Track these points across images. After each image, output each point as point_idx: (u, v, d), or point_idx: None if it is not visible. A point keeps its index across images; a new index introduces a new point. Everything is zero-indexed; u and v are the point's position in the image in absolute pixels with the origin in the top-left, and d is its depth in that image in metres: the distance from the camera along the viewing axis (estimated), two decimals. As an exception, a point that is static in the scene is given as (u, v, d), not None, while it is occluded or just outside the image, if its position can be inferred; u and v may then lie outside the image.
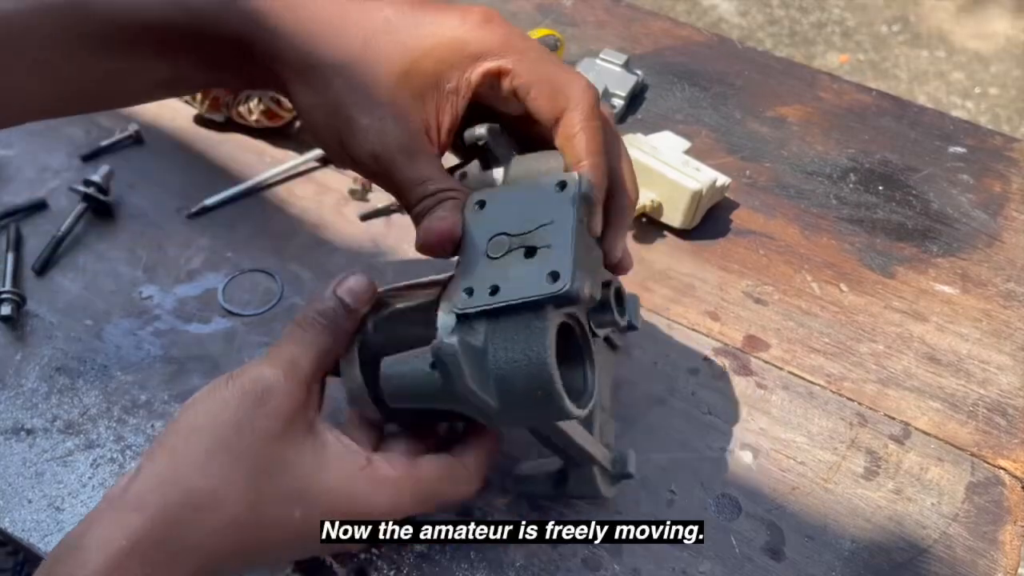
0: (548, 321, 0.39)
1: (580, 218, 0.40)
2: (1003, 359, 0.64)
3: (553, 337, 0.39)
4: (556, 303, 0.39)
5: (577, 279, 0.38)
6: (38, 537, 0.53)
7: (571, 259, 0.38)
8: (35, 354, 0.62)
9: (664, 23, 0.93)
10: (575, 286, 0.38)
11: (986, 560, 0.54)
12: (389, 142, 0.42)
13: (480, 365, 0.39)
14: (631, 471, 0.50)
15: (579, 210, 0.40)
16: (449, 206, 0.43)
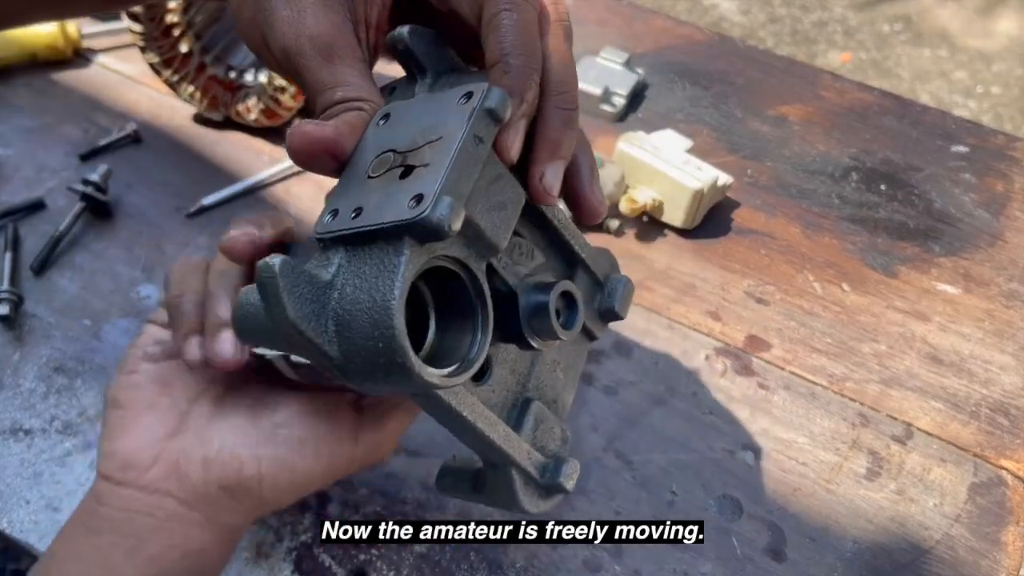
0: (402, 256, 0.31)
1: (476, 135, 0.33)
2: (1006, 359, 0.64)
3: (406, 276, 0.31)
4: (415, 234, 0.31)
5: (442, 205, 0.30)
6: (36, 538, 0.52)
7: (441, 180, 0.31)
8: (33, 354, 0.61)
9: (665, 22, 0.93)
10: (436, 213, 0.30)
11: (988, 561, 0.53)
12: (303, 36, 0.37)
13: (320, 301, 0.32)
14: (565, 484, 0.41)
15: (474, 124, 0.33)
16: (349, 116, 0.36)
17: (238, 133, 0.77)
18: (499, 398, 0.41)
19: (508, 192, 0.35)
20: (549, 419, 0.42)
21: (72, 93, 0.81)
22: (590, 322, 0.45)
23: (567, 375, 0.45)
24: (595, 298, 0.45)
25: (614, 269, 0.46)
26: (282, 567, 0.51)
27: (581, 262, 0.44)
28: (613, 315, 0.45)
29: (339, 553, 0.52)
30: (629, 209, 0.69)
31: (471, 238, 0.34)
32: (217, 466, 0.42)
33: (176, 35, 0.73)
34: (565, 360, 0.45)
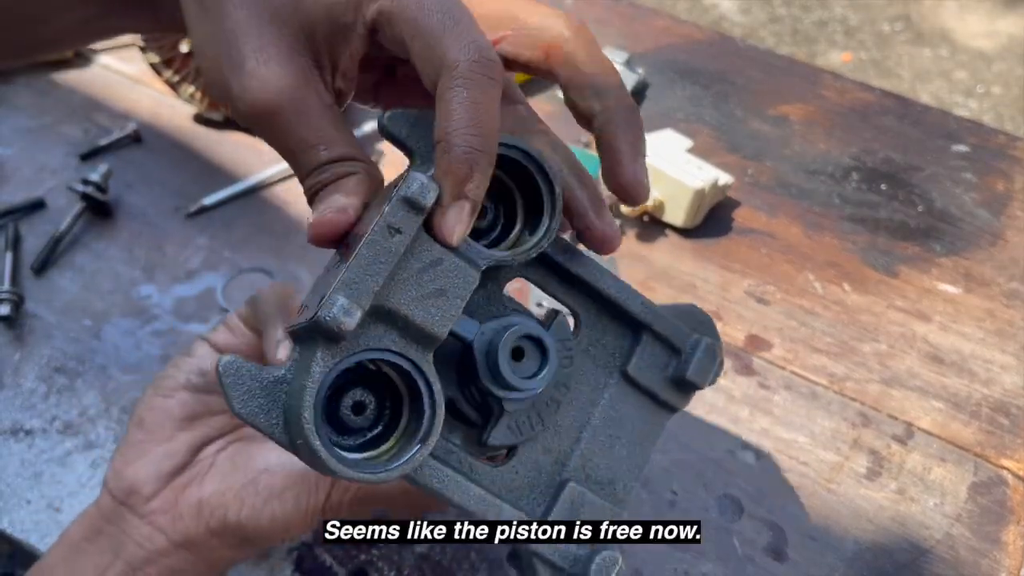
0: (315, 355, 0.31)
1: (391, 225, 0.31)
2: (1006, 359, 0.64)
3: (315, 376, 0.31)
4: (321, 333, 0.31)
5: (333, 306, 0.30)
6: (37, 538, 0.52)
7: (339, 278, 0.31)
8: (34, 354, 0.61)
9: (665, 21, 0.93)
10: (325, 314, 0.30)
11: (989, 560, 0.53)
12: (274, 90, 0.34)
13: (272, 395, 0.32)
14: None
15: (389, 214, 0.31)
16: (351, 185, 0.34)
17: (238, 133, 0.77)
18: (525, 480, 0.38)
19: (449, 277, 0.33)
20: (591, 504, 0.38)
21: (72, 93, 0.81)
22: (663, 391, 0.40)
23: (632, 452, 0.40)
24: (669, 364, 0.40)
25: (703, 329, 0.42)
26: (283, 567, 0.51)
27: (645, 326, 0.40)
28: (688, 384, 0.40)
29: (339, 553, 0.52)
30: (630, 209, 0.69)
31: (402, 328, 0.32)
32: (207, 510, 0.43)
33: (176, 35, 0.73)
34: (629, 434, 0.40)
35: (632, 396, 0.40)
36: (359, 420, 0.33)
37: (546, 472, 0.38)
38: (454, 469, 0.35)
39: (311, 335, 0.32)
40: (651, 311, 0.39)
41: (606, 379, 0.40)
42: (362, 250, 0.31)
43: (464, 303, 0.33)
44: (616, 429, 0.39)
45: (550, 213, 0.35)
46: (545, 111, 0.82)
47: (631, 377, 0.39)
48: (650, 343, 0.40)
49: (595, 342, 0.39)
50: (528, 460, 0.38)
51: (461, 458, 0.36)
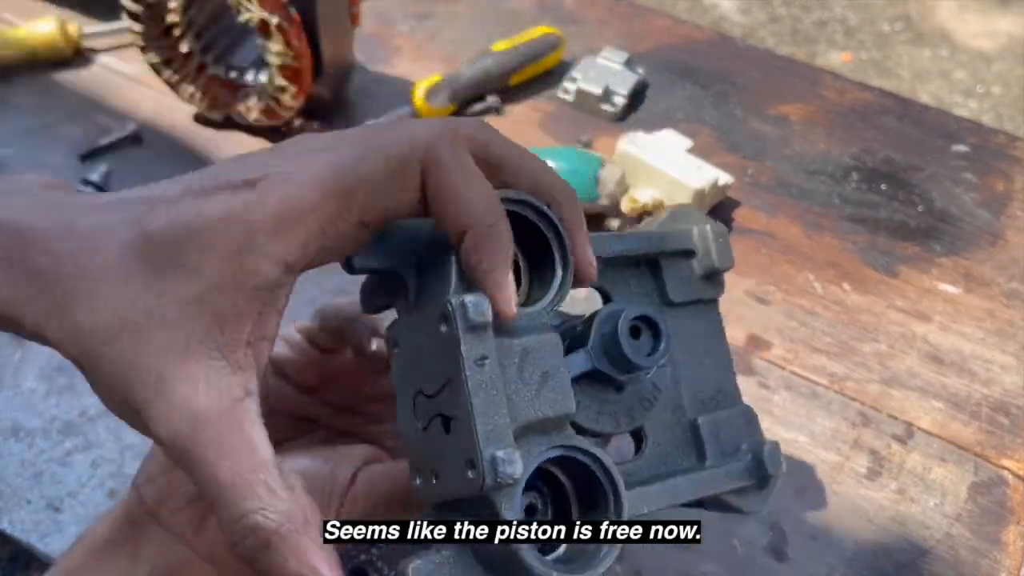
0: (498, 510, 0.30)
1: (475, 360, 0.30)
2: (1006, 359, 0.64)
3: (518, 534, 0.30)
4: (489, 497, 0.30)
5: (494, 469, 0.29)
6: (37, 537, 0.52)
7: (475, 436, 0.29)
8: (34, 354, 0.61)
9: (665, 21, 0.93)
10: (491, 481, 0.29)
11: (989, 560, 0.53)
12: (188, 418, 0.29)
13: None
14: (772, 471, 0.39)
15: (468, 352, 0.30)
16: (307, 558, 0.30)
17: (238, 133, 0.77)
18: (668, 447, 0.39)
19: (540, 356, 0.32)
20: (726, 421, 0.40)
21: (72, 93, 0.81)
22: (702, 292, 0.42)
23: (715, 356, 0.42)
24: (692, 268, 0.42)
25: (697, 221, 0.43)
26: (283, 567, 0.51)
27: (653, 257, 0.41)
28: (716, 273, 0.42)
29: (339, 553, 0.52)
30: (630, 209, 0.69)
31: (541, 432, 0.32)
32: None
33: (176, 35, 0.73)
34: (704, 344, 0.42)
35: (685, 314, 0.41)
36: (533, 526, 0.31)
37: (672, 427, 0.39)
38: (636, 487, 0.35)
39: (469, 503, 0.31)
40: (650, 241, 0.40)
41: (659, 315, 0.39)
42: (472, 399, 0.29)
43: (566, 366, 0.33)
44: (694, 350, 0.41)
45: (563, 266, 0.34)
46: (545, 111, 0.82)
47: (673, 302, 0.41)
48: (670, 264, 0.41)
49: (627, 295, 0.40)
50: (657, 431, 0.39)
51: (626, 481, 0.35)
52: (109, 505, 0.54)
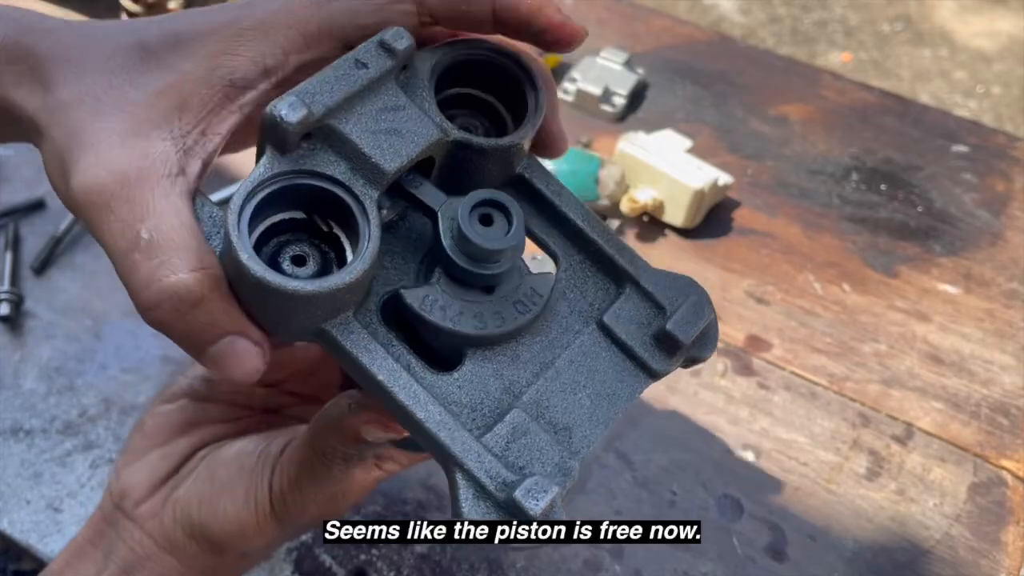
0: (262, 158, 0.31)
1: (359, 59, 0.32)
2: (1006, 359, 0.64)
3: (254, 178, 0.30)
4: (268, 138, 0.31)
5: (281, 103, 0.30)
6: (36, 538, 0.52)
7: (297, 87, 0.31)
8: (34, 354, 0.61)
9: (665, 21, 0.93)
10: (273, 107, 0.30)
11: (988, 560, 0.53)
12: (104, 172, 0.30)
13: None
14: (524, 505, 0.31)
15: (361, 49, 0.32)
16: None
17: (238, 133, 0.77)
18: (468, 397, 0.34)
19: (410, 124, 0.33)
20: (536, 437, 0.34)
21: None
22: (641, 348, 0.37)
23: (597, 405, 0.36)
24: (652, 322, 0.37)
25: (695, 296, 0.38)
26: (283, 567, 0.52)
27: (630, 279, 0.37)
28: (672, 340, 0.36)
29: (339, 553, 0.52)
30: (630, 209, 0.69)
31: (352, 159, 0.32)
32: (179, 508, 0.42)
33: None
34: (596, 385, 0.36)
35: (606, 348, 0.37)
36: (301, 272, 0.32)
37: (493, 397, 0.35)
38: (389, 353, 0.33)
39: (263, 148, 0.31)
40: (640, 264, 0.38)
41: (581, 327, 0.37)
42: (326, 71, 0.31)
43: (420, 150, 0.33)
44: (583, 377, 0.36)
45: (534, 110, 0.35)
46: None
47: (607, 327, 0.36)
48: (633, 296, 0.37)
49: (574, 287, 0.37)
50: (475, 379, 0.35)
51: (401, 353, 0.34)
52: (109, 505, 0.54)
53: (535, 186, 0.37)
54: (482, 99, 0.37)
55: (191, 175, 0.31)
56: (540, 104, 0.35)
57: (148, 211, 0.29)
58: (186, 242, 0.29)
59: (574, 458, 0.34)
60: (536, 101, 0.35)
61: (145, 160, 0.30)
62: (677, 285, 0.38)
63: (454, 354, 0.35)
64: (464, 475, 0.32)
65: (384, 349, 0.33)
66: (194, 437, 0.45)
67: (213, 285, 0.30)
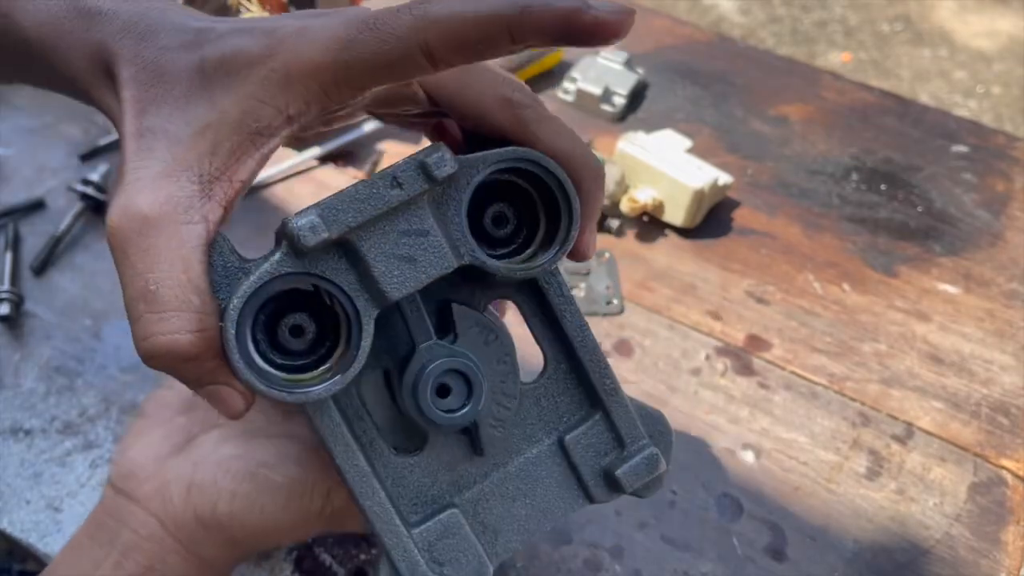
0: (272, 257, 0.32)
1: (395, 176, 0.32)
2: (1006, 359, 0.64)
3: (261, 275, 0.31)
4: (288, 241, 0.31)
5: (302, 218, 0.31)
6: (36, 537, 0.52)
7: (324, 201, 0.31)
8: (33, 354, 0.61)
9: (665, 21, 0.93)
10: (294, 223, 0.31)
11: (988, 560, 0.53)
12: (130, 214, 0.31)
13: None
14: None
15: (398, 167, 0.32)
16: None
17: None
18: (417, 483, 0.37)
19: (428, 253, 0.33)
20: (463, 540, 0.36)
21: (72, 93, 0.81)
22: (590, 477, 0.38)
23: (530, 517, 0.38)
24: (609, 454, 0.38)
25: (660, 441, 0.39)
26: (283, 567, 0.52)
27: (602, 407, 0.38)
28: (615, 482, 0.38)
29: (339, 553, 0.52)
30: (630, 209, 0.69)
31: (362, 275, 0.32)
32: (196, 495, 0.42)
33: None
34: (536, 499, 0.38)
35: (557, 466, 0.38)
36: (295, 343, 0.33)
37: (439, 487, 0.37)
38: (354, 435, 0.35)
39: (277, 239, 0.33)
40: (615, 395, 0.38)
41: (542, 436, 0.38)
42: (358, 185, 0.31)
43: (429, 281, 0.33)
44: (527, 487, 0.38)
45: (563, 238, 0.35)
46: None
47: (565, 447, 0.38)
48: (599, 424, 0.38)
49: (549, 396, 0.38)
50: (428, 465, 0.37)
51: (367, 429, 0.36)
52: (109, 505, 0.54)
53: (545, 295, 0.37)
54: (523, 188, 0.36)
55: (211, 222, 0.32)
56: (571, 235, 0.35)
57: (158, 262, 0.30)
58: (188, 302, 0.30)
59: (492, 561, 0.37)
60: (568, 229, 0.35)
61: (167, 204, 0.30)
62: (647, 423, 0.39)
63: (422, 432, 0.37)
64: (388, 564, 0.35)
65: (352, 429, 0.35)
66: (195, 417, 0.45)
67: (208, 346, 0.31)
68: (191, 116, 0.32)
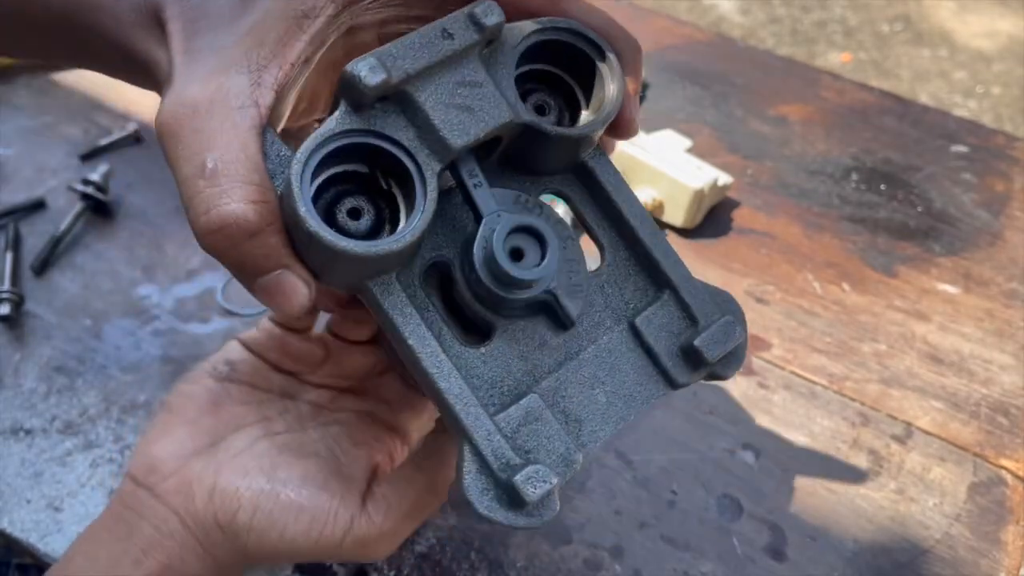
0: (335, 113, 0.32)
1: (446, 28, 0.33)
2: (1005, 359, 0.64)
3: (324, 133, 0.31)
4: (344, 95, 0.32)
5: (362, 62, 0.31)
6: (37, 537, 0.52)
7: (379, 50, 0.32)
8: (34, 354, 0.61)
9: (665, 22, 0.93)
10: (352, 66, 0.31)
11: (988, 560, 0.53)
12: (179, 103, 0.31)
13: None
14: (521, 489, 0.32)
15: (449, 19, 0.33)
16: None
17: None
18: (491, 374, 0.35)
19: (484, 102, 0.33)
20: (547, 425, 0.34)
21: (72, 93, 0.81)
22: (667, 356, 0.37)
23: (612, 403, 0.36)
24: (683, 333, 0.37)
25: (731, 315, 0.37)
26: (283, 567, 0.52)
27: (670, 286, 0.37)
28: (699, 358, 0.36)
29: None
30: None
31: (422, 128, 0.32)
32: (219, 499, 0.42)
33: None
34: (615, 385, 0.36)
35: (632, 350, 0.37)
36: (353, 225, 0.33)
37: (514, 377, 0.35)
38: (423, 319, 0.34)
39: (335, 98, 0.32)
40: (683, 273, 0.37)
41: (612, 323, 0.37)
42: (411, 36, 0.32)
43: (489, 131, 0.33)
44: (604, 374, 0.36)
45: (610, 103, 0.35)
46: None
47: (637, 329, 0.37)
48: (669, 304, 0.37)
49: (613, 283, 0.38)
50: (500, 356, 0.35)
51: (434, 319, 0.35)
52: (109, 505, 0.54)
53: (596, 177, 0.37)
54: (562, 78, 0.37)
55: (263, 105, 0.32)
56: (616, 98, 0.35)
57: (215, 141, 0.30)
58: (248, 174, 0.30)
59: (579, 451, 0.35)
60: (614, 95, 0.35)
61: (219, 92, 0.31)
62: (716, 300, 0.38)
63: (486, 327, 0.36)
64: (472, 449, 0.33)
65: (419, 314, 0.34)
66: (221, 418, 0.45)
67: (270, 219, 0.31)
68: (236, 27, 0.33)
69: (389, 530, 0.43)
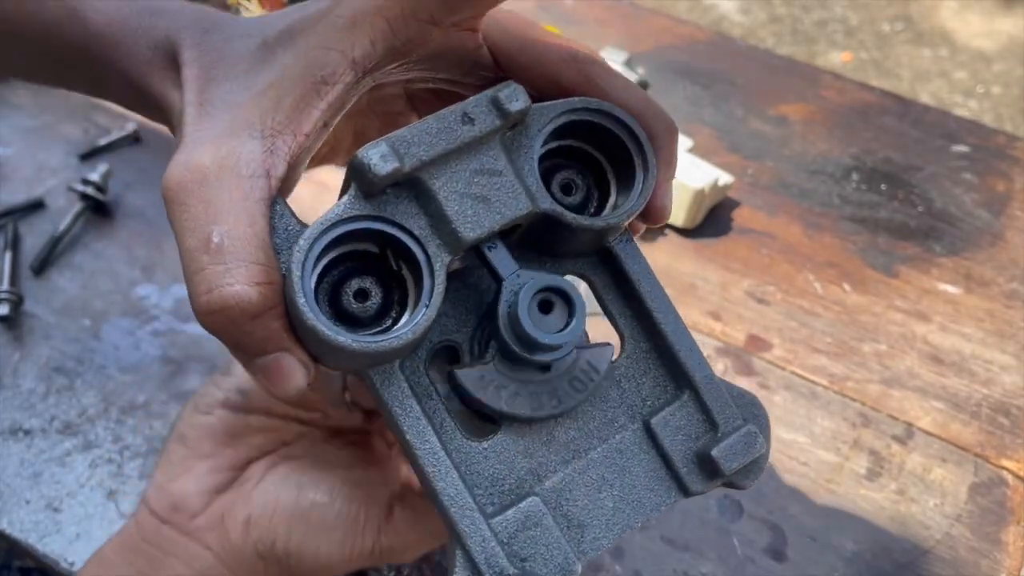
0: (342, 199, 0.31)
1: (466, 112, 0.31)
2: (1006, 359, 0.64)
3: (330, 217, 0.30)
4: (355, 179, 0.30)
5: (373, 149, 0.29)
6: (36, 538, 0.52)
7: (393, 134, 0.30)
8: (33, 354, 0.61)
9: (665, 21, 0.93)
10: (363, 153, 0.29)
11: (989, 561, 0.53)
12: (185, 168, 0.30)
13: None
14: None
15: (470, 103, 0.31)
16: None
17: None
18: (492, 470, 0.33)
19: (502, 192, 0.31)
20: (547, 532, 0.32)
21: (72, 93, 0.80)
22: (681, 463, 0.34)
23: (618, 509, 0.34)
24: (701, 438, 0.35)
25: (753, 423, 0.35)
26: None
27: (691, 386, 0.35)
28: (714, 466, 0.34)
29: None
30: (629, 209, 0.69)
31: (433, 217, 0.31)
32: (256, 531, 0.42)
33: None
34: (624, 490, 0.34)
35: (645, 453, 0.35)
36: (359, 309, 0.31)
37: (516, 475, 0.33)
38: (424, 410, 0.32)
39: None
40: (706, 374, 0.35)
41: (626, 421, 0.35)
42: (429, 119, 0.30)
43: (504, 223, 0.31)
44: (613, 476, 0.34)
45: (640, 189, 0.33)
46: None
47: (652, 431, 0.35)
48: (689, 405, 0.35)
49: (630, 377, 0.36)
50: (504, 452, 0.34)
51: (436, 408, 0.33)
52: (108, 505, 0.54)
53: (621, 264, 0.35)
54: (590, 154, 0.35)
55: (275, 176, 0.30)
56: (646, 188, 0.33)
57: (222, 213, 0.29)
58: (254, 252, 0.29)
59: (579, 560, 0.33)
60: (643, 183, 0.33)
61: (229, 158, 0.29)
62: (739, 403, 0.36)
63: (491, 418, 0.34)
64: (464, 555, 0.32)
65: (421, 404, 0.32)
66: (240, 449, 0.45)
67: (273, 302, 0.29)
68: (253, 82, 0.31)
69: (415, 540, 0.43)
